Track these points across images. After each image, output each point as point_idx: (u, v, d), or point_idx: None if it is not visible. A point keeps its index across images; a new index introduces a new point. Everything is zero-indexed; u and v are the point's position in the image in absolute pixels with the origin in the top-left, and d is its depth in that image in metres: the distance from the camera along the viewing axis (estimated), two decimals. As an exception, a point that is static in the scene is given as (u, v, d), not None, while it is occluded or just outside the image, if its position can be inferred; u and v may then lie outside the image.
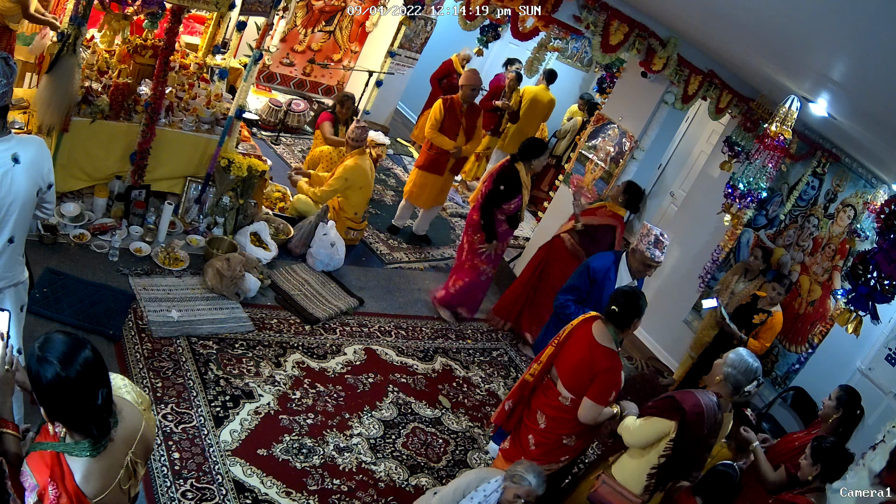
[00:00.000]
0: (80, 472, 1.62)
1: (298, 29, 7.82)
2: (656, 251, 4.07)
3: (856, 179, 5.52)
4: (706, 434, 2.98)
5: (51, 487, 1.58)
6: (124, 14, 4.40)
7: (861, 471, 3.21)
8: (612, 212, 5.06)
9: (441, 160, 6.08)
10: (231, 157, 4.80)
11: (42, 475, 1.61)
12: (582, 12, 4.41)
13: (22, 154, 2.35)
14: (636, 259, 4.12)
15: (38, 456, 1.66)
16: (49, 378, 1.57)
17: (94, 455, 1.65)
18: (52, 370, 1.57)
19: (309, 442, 3.64)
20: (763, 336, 5.05)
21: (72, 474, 1.61)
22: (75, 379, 1.59)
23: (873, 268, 3.43)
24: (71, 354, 1.60)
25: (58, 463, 1.62)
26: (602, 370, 3.13)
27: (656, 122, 5.63)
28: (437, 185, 6.19)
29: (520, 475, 2.72)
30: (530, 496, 2.71)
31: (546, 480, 2.78)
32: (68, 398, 1.59)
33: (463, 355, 5.09)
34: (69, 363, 1.59)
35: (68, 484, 1.60)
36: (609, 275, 4.16)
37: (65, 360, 1.58)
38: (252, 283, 4.50)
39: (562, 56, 10.00)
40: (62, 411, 1.62)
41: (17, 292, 2.56)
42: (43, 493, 1.59)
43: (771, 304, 5.08)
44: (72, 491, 1.60)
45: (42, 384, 1.59)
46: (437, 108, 6.06)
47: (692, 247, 6.32)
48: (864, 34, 2.33)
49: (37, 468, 1.63)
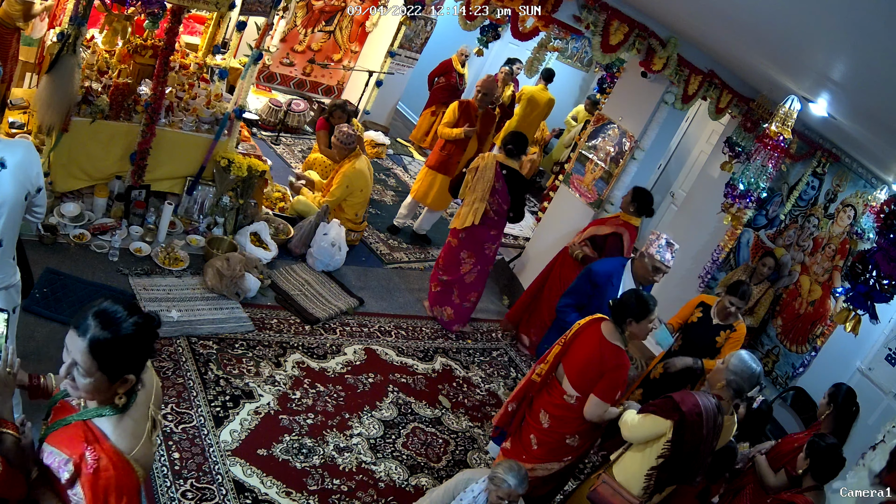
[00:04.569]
0: (112, 432, 1.68)
1: (298, 29, 7.82)
2: (667, 254, 4.07)
3: (856, 179, 5.52)
4: (706, 436, 2.97)
5: (88, 452, 1.62)
6: (125, 14, 4.40)
7: (861, 471, 3.22)
8: (623, 220, 4.94)
9: (452, 161, 6.12)
10: (231, 157, 4.80)
11: (75, 445, 1.64)
12: (582, 12, 4.42)
13: (8, 158, 2.32)
14: (644, 265, 4.10)
15: (63, 431, 1.70)
16: (129, 328, 1.64)
17: (122, 413, 1.71)
18: (128, 321, 1.64)
19: (309, 442, 3.64)
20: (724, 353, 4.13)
21: (104, 435, 1.67)
22: (144, 321, 1.68)
23: (872, 267, 3.43)
24: (127, 306, 1.69)
25: (88, 429, 1.67)
26: (611, 367, 3.13)
27: (656, 122, 5.62)
28: (445, 185, 6.20)
29: (500, 477, 2.73)
30: (512, 497, 2.72)
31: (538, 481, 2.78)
32: (147, 339, 1.69)
33: (463, 355, 5.09)
34: (134, 311, 1.68)
35: (104, 444, 1.65)
36: (612, 280, 4.16)
37: (130, 310, 1.67)
38: (252, 283, 4.50)
39: (562, 56, 10.00)
40: (140, 357, 1.70)
41: (8, 295, 2.55)
42: (79, 462, 1.62)
43: (727, 319, 4.23)
44: (109, 450, 1.65)
45: (132, 336, 1.65)
46: (452, 108, 6.17)
47: (692, 247, 6.32)
48: (864, 34, 2.33)
49: (64, 442, 1.67)
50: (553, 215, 6.32)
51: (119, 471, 1.64)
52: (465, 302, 5.27)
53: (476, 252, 5.15)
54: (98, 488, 1.61)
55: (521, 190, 5.05)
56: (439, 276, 5.28)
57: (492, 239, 5.16)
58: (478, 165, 4.96)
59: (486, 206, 4.95)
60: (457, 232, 5.12)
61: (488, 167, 4.92)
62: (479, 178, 4.93)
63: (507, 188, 4.96)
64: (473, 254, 5.16)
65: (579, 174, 6.04)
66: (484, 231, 5.08)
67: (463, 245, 5.13)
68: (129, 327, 1.63)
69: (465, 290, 5.24)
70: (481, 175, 4.93)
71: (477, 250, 5.15)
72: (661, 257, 4.05)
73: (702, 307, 4.37)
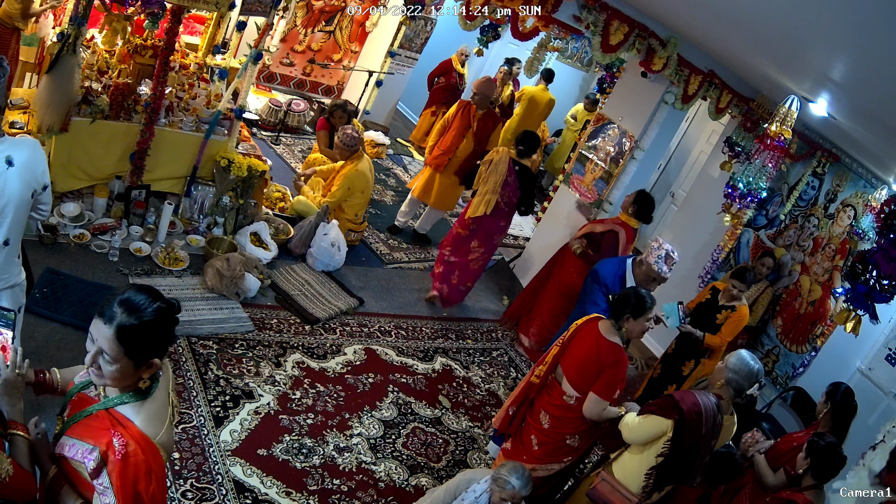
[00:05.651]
0: (137, 417, 1.69)
1: (298, 29, 7.82)
2: (664, 266, 4.09)
3: (856, 179, 5.52)
4: (705, 435, 2.97)
5: (116, 439, 1.62)
6: (125, 14, 4.40)
7: (861, 471, 3.22)
8: (621, 220, 4.96)
9: (442, 160, 6.13)
10: (231, 157, 4.80)
11: (100, 434, 1.65)
12: (582, 12, 4.42)
13: (15, 156, 2.34)
14: (642, 271, 4.13)
15: (85, 422, 1.70)
16: (153, 314, 1.65)
17: (145, 399, 1.72)
18: (152, 307, 1.65)
19: (309, 442, 3.65)
20: (723, 331, 4.78)
21: (130, 421, 1.68)
22: (167, 306, 1.69)
23: (872, 267, 3.43)
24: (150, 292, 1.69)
25: (112, 417, 1.68)
26: (609, 364, 3.14)
27: (656, 122, 5.62)
28: (443, 182, 6.23)
29: (503, 478, 2.72)
30: (515, 498, 2.71)
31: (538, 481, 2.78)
32: (170, 324, 1.70)
33: (463, 355, 5.09)
34: (156, 297, 1.68)
35: (131, 429, 1.66)
36: (616, 280, 4.19)
37: (153, 297, 1.67)
38: (252, 283, 4.50)
39: (562, 56, 10.00)
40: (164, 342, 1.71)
41: (13, 294, 2.55)
42: (106, 451, 1.62)
43: (732, 301, 4.81)
44: (137, 435, 1.65)
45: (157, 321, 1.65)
46: (453, 109, 6.26)
47: (692, 247, 6.32)
48: (864, 34, 2.33)
49: (88, 433, 1.67)
50: (553, 215, 6.32)
51: (147, 455, 1.65)
52: (461, 285, 5.53)
53: (485, 241, 5.39)
54: (127, 475, 1.60)
55: (530, 185, 5.26)
56: (445, 257, 5.47)
57: (500, 230, 5.41)
58: (492, 159, 5.19)
59: (498, 197, 5.14)
60: (467, 222, 5.31)
61: (501, 161, 5.14)
62: (492, 171, 5.15)
63: (517, 182, 5.16)
64: (482, 243, 5.38)
65: (579, 174, 6.05)
66: (494, 221, 5.30)
67: (473, 235, 5.35)
68: (152, 313, 1.64)
69: (465, 274, 5.48)
70: (494, 168, 5.15)
71: (486, 239, 5.38)
72: (658, 268, 4.08)
73: (712, 290, 4.96)
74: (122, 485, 1.60)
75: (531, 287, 5.47)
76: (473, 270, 5.49)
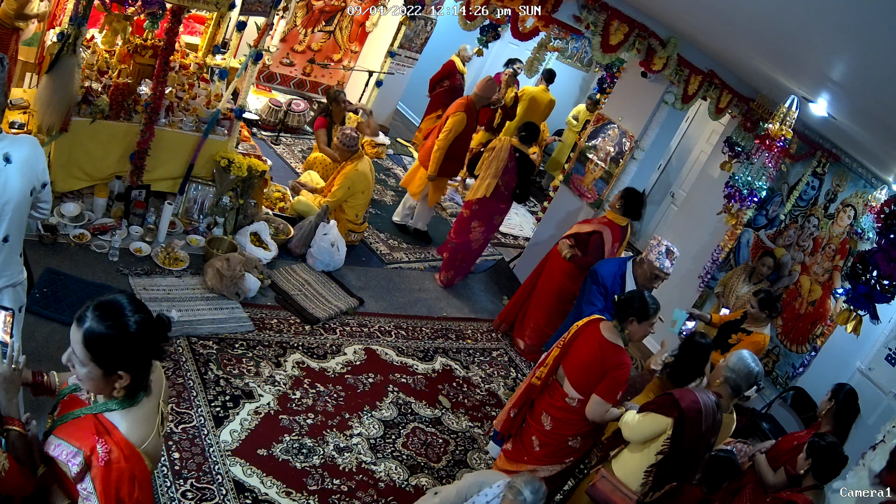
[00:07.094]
0: (123, 424, 1.69)
1: (298, 29, 7.82)
2: (666, 262, 4.08)
3: (856, 179, 5.52)
4: (704, 433, 2.97)
5: (99, 444, 1.62)
6: (125, 14, 4.40)
7: (861, 471, 3.21)
8: (607, 218, 4.91)
9: (426, 156, 6.20)
10: (231, 157, 4.80)
11: (85, 438, 1.65)
12: (582, 12, 4.42)
13: (14, 154, 2.34)
14: (644, 270, 4.12)
15: (72, 424, 1.71)
16: (128, 325, 1.63)
17: (132, 406, 1.72)
18: (134, 318, 1.64)
19: (309, 442, 3.64)
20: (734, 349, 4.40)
21: (115, 427, 1.68)
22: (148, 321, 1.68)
23: (872, 267, 3.43)
24: (133, 303, 1.67)
25: (99, 422, 1.68)
26: (612, 366, 3.14)
27: (656, 122, 5.62)
28: (424, 175, 6.24)
29: (517, 488, 2.70)
30: None
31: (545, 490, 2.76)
32: (152, 336, 1.69)
33: (463, 355, 5.09)
34: (139, 309, 1.67)
35: (115, 436, 1.66)
36: (621, 279, 4.18)
37: (135, 309, 1.66)
38: (252, 283, 4.50)
39: (562, 56, 10.00)
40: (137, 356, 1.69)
41: (15, 293, 2.55)
42: (89, 455, 1.62)
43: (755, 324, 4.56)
44: (120, 442, 1.66)
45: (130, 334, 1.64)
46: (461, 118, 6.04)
47: (692, 247, 6.32)
48: (864, 34, 2.33)
49: (74, 434, 1.67)
50: (553, 215, 6.32)
51: (131, 462, 1.65)
52: (462, 264, 5.96)
53: (486, 222, 5.74)
54: (110, 481, 1.61)
55: (527, 173, 5.61)
56: (451, 241, 5.83)
57: (500, 211, 5.80)
58: (495, 146, 5.58)
59: (498, 181, 5.50)
60: (470, 203, 5.70)
61: (504, 148, 5.52)
62: (494, 157, 5.54)
63: (516, 169, 5.51)
64: (483, 223, 5.74)
65: (579, 174, 6.05)
66: (495, 203, 5.66)
67: (475, 215, 5.70)
68: (128, 324, 1.63)
69: (467, 255, 5.88)
70: (496, 155, 5.53)
71: (487, 220, 5.74)
72: (660, 264, 4.06)
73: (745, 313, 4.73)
74: (105, 490, 1.61)
75: (521, 291, 5.48)
76: (474, 250, 5.87)
